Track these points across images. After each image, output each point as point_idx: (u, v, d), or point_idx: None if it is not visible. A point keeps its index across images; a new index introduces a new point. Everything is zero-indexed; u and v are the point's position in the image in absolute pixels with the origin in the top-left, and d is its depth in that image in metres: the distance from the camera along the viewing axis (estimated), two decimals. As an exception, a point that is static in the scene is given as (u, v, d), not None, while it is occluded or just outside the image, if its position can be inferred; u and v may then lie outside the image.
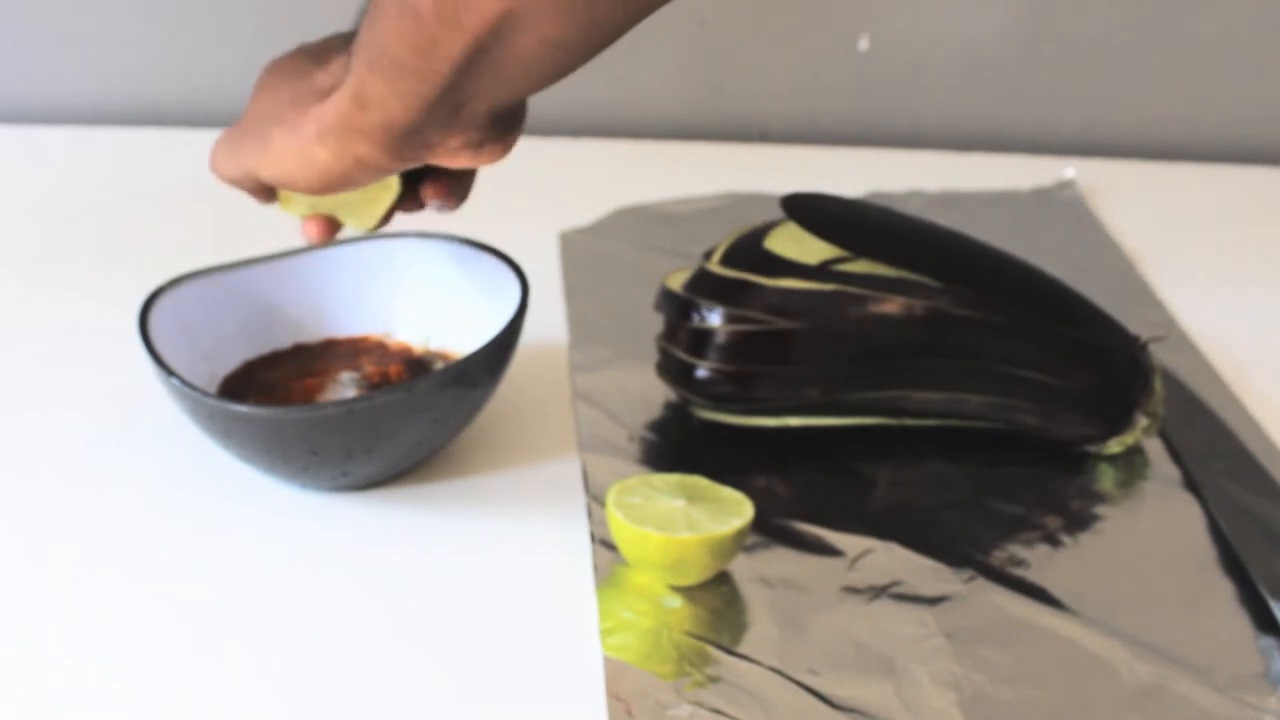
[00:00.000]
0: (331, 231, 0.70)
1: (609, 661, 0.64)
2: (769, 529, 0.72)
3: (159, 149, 1.11)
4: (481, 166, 0.64)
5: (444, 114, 0.59)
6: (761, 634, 0.66)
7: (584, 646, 0.65)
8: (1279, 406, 0.83)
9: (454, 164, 0.62)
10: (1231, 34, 1.13)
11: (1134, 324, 0.79)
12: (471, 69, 0.56)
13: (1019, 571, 0.70)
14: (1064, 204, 1.05)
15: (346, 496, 0.74)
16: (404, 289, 0.80)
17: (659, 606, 0.67)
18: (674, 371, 0.78)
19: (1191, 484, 0.76)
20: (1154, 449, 0.79)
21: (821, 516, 0.73)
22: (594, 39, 0.56)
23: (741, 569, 0.69)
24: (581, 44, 0.56)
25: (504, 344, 0.73)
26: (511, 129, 0.62)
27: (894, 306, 0.74)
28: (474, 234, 0.79)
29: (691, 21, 1.13)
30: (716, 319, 0.75)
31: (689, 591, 0.68)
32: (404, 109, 0.59)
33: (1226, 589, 0.70)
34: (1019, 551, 0.71)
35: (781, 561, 0.70)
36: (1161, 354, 0.83)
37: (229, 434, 0.71)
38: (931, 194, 1.05)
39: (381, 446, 0.71)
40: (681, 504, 0.68)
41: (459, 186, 0.69)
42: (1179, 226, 1.04)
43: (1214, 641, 0.66)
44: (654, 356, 0.80)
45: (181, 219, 1.00)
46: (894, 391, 0.76)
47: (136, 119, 1.15)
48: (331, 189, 0.63)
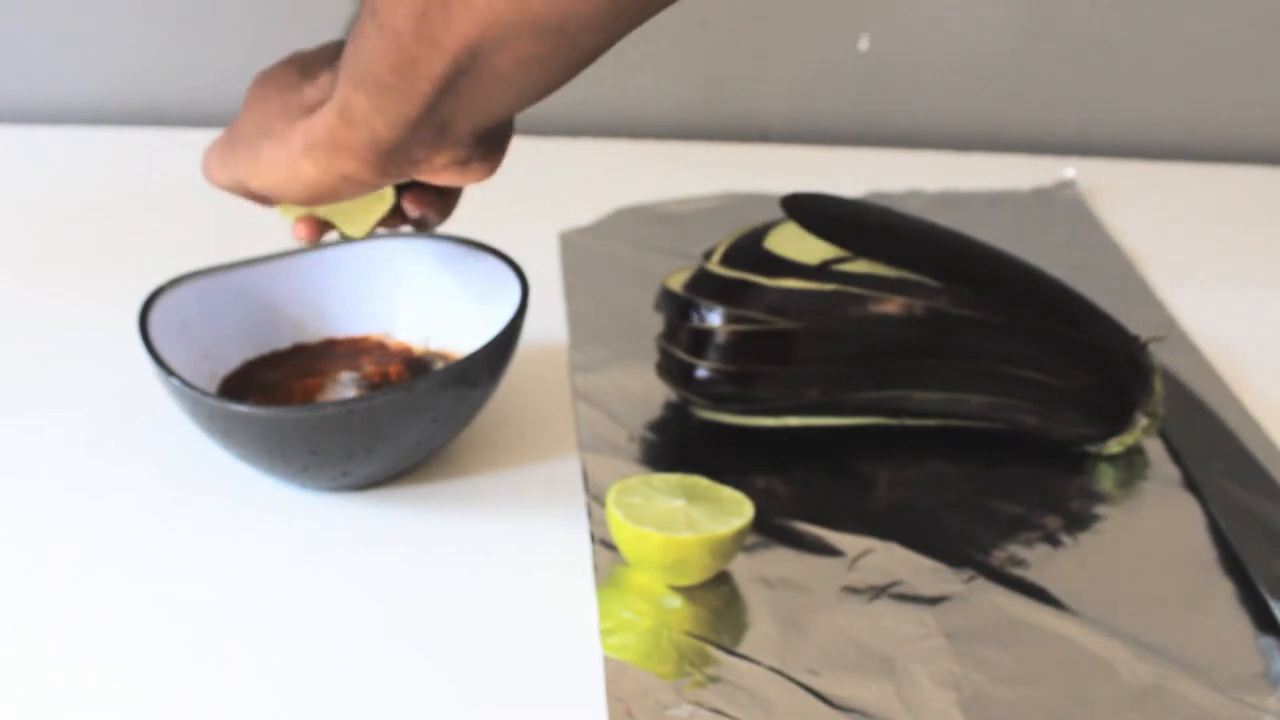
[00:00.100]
0: (321, 232, 0.70)
1: (609, 661, 0.64)
2: (769, 529, 0.72)
3: (159, 149, 1.11)
4: (467, 184, 0.64)
5: (428, 132, 0.59)
6: (761, 634, 0.66)
7: (584, 646, 0.65)
8: (1279, 406, 0.83)
9: (440, 181, 0.63)
10: (1231, 34, 1.13)
11: (1134, 324, 0.79)
12: (453, 88, 0.57)
13: (1019, 571, 0.70)
14: (1064, 204, 1.05)
15: (346, 496, 0.74)
16: (404, 289, 0.80)
17: (659, 606, 0.67)
18: (674, 371, 0.78)
19: (1191, 484, 0.76)
20: (1154, 449, 0.79)
21: (821, 516, 0.73)
22: (572, 60, 0.56)
23: (741, 569, 0.69)
24: (560, 65, 0.56)
25: (504, 344, 0.73)
26: (497, 148, 0.62)
27: (894, 306, 0.74)
28: (474, 234, 0.79)
29: (691, 21, 1.13)
30: (716, 319, 0.75)
31: (689, 591, 0.68)
32: (388, 127, 0.59)
33: (1226, 589, 0.70)
34: (1019, 551, 0.71)
35: (781, 561, 0.70)
36: (1161, 354, 0.83)
37: (229, 434, 0.71)
38: (931, 194, 1.05)
39: (381, 446, 0.71)
40: (681, 504, 0.68)
41: (442, 202, 0.69)
42: (1179, 226, 1.04)
43: (1214, 641, 0.66)
44: (654, 356, 0.80)
45: (181, 219, 1.00)
46: (894, 391, 0.76)
47: (136, 119, 1.15)
48: (319, 201, 0.64)
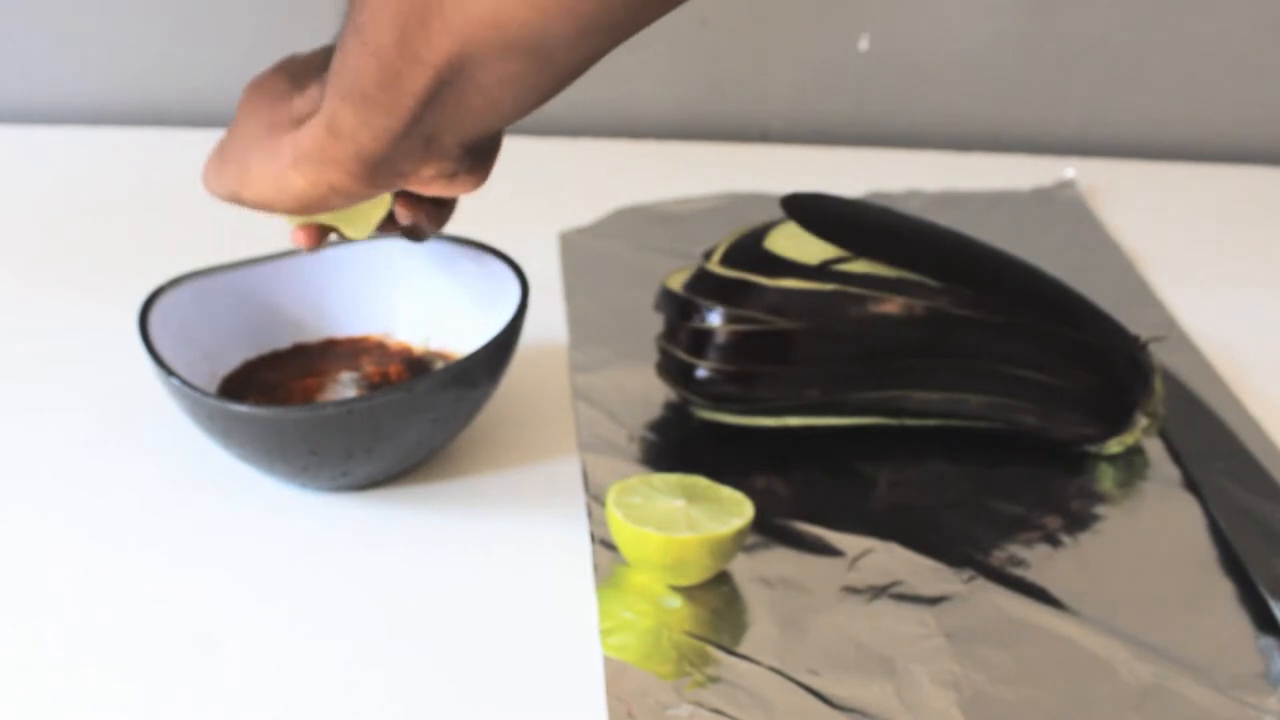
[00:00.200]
0: (321, 238, 0.70)
1: (609, 661, 0.64)
2: (769, 529, 0.72)
3: (159, 149, 1.11)
4: (456, 195, 0.64)
5: (415, 146, 0.59)
6: (761, 634, 0.66)
7: (584, 646, 0.65)
8: (1279, 406, 0.83)
9: (429, 192, 0.63)
10: (1231, 34, 1.13)
11: (1134, 324, 0.79)
12: (437, 101, 0.57)
13: (1019, 571, 0.70)
14: (1064, 204, 1.05)
15: (346, 496, 0.74)
16: (404, 289, 0.80)
17: (659, 606, 0.67)
18: (674, 371, 0.78)
19: (1191, 484, 0.76)
20: (1154, 449, 0.79)
21: (821, 516, 0.73)
22: (553, 78, 0.56)
23: (741, 569, 0.69)
24: (541, 82, 0.56)
25: (504, 344, 0.73)
26: (485, 161, 0.62)
27: (894, 306, 0.74)
28: (474, 234, 0.79)
29: (691, 21, 1.13)
30: (716, 319, 0.75)
31: (689, 591, 0.68)
32: (374, 140, 0.59)
33: (1226, 589, 0.70)
34: (1019, 551, 0.71)
35: (781, 561, 0.70)
36: (1161, 354, 0.83)
37: (229, 434, 0.71)
38: (931, 194, 1.05)
39: (381, 446, 0.71)
40: (681, 504, 0.68)
41: (436, 211, 0.69)
42: (1179, 226, 1.04)
43: (1214, 641, 0.66)
44: (654, 356, 0.80)
45: (181, 219, 0.99)
46: (894, 391, 0.76)
47: (136, 119, 1.15)
48: (309, 212, 0.64)
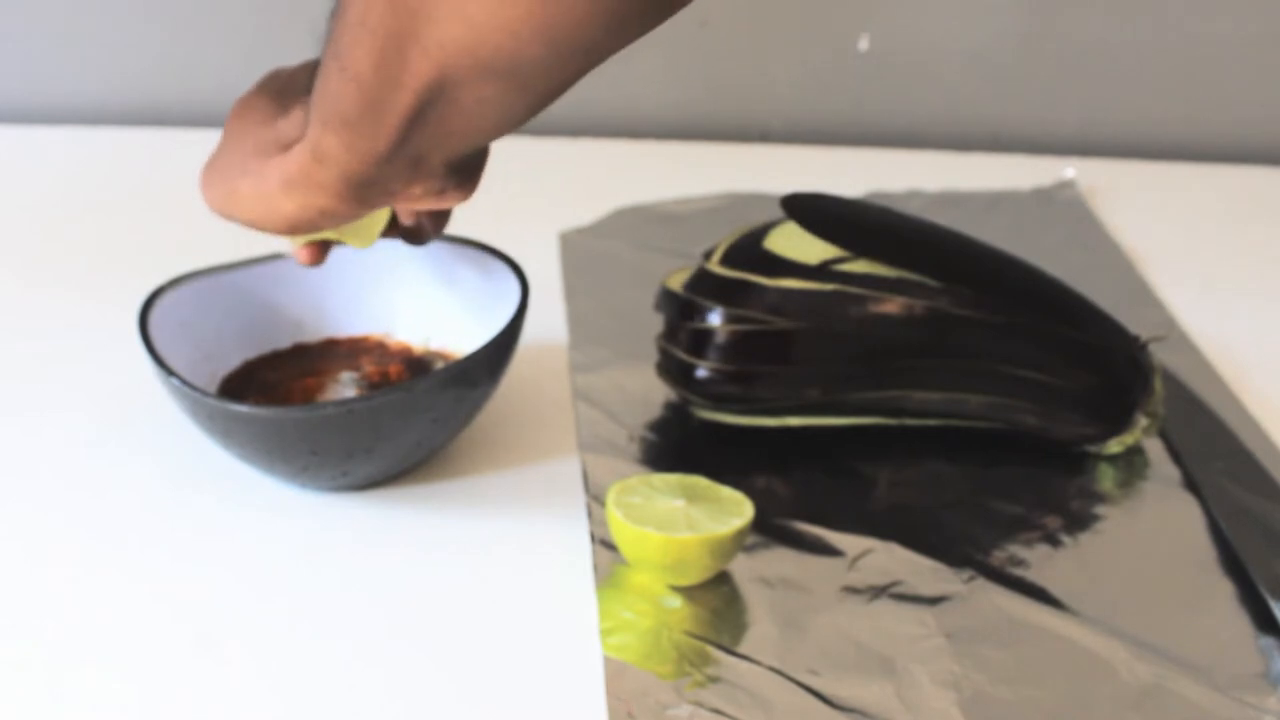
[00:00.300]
0: (322, 255, 0.71)
1: (609, 661, 0.64)
2: (769, 529, 0.72)
3: (159, 149, 1.11)
4: (446, 208, 0.64)
5: (401, 167, 0.59)
6: (761, 634, 0.66)
7: (584, 646, 0.65)
8: (1279, 406, 0.83)
9: (419, 208, 0.63)
10: (1231, 34, 1.13)
11: (1134, 324, 0.79)
12: (420, 123, 0.56)
13: (1019, 571, 0.70)
14: (1064, 204, 1.05)
15: (346, 496, 0.74)
16: (404, 289, 0.80)
17: (659, 606, 0.67)
18: (674, 371, 0.78)
19: (1191, 484, 0.76)
20: (1154, 449, 0.79)
21: (821, 516, 0.73)
22: (530, 100, 0.56)
23: (741, 569, 0.69)
24: (519, 104, 0.56)
25: (504, 344, 0.73)
26: (472, 175, 0.62)
27: (894, 306, 0.74)
28: (474, 234, 0.79)
29: (691, 21, 1.13)
30: (716, 319, 0.75)
31: (689, 591, 0.68)
32: (360, 163, 0.59)
33: (1226, 589, 0.70)
34: (1019, 551, 0.71)
35: (781, 561, 0.70)
36: (1161, 354, 0.83)
37: (229, 434, 0.71)
38: (931, 194, 1.05)
39: (381, 446, 0.71)
40: (681, 504, 0.68)
41: (430, 219, 0.69)
42: (1179, 226, 1.04)
43: (1214, 641, 0.66)
44: (654, 356, 0.80)
45: (181, 219, 0.99)
46: (894, 391, 0.76)
47: (136, 119, 1.15)
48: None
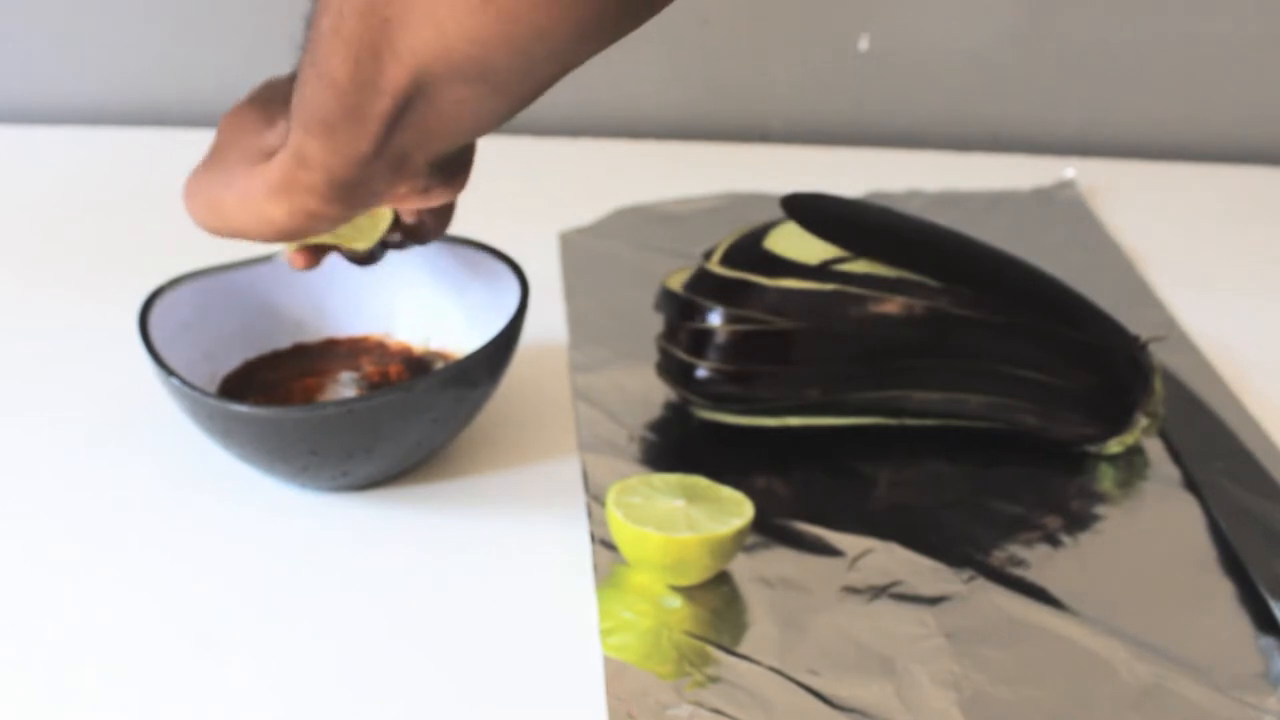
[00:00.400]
0: (316, 260, 0.70)
1: (609, 661, 0.64)
2: (769, 529, 0.72)
3: (159, 149, 1.10)
4: (433, 205, 0.64)
5: (385, 167, 0.59)
6: (761, 634, 0.66)
7: (584, 646, 0.65)
8: (1279, 406, 0.83)
9: (406, 207, 0.63)
10: (1231, 34, 1.13)
11: (1134, 324, 0.79)
12: (399, 126, 0.56)
13: (1019, 571, 0.70)
14: (1064, 204, 1.05)
15: (346, 496, 0.74)
16: (404, 289, 0.80)
17: (659, 606, 0.67)
18: (674, 371, 0.78)
19: (1191, 484, 0.76)
20: (1154, 449, 0.79)
21: (821, 516, 0.73)
22: (507, 102, 0.56)
23: (741, 569, 0.69)
24: (496, 106, 0.56)
25: (504, 344, 0.73)
26: (458, 173, 0.62)
27: (894, 306, 0.74)
28: (474, 234, 0.79)
29: (692, 21, 1.13)
30: (716, 319, 0.75)
31: (689, 591, 0.68)
32: (344, 166, 0.59)
33: (1226, 589, 0.70)
34: (1019, 551, 0.71)
35: (781, 561, 0.70)
36: (1161, 354, 0.83)
37: (229, 434, 0.71)
38: (931, 194, 1.05)
39: (381, 446, 0.71)
40: (681, 504, 0.68)
41: (437, 211, 0.69)
42: (1179, 226, 1.04)
43: (1214, 641, 0.66)
44: (654, 356, 0.80)
45: (181, 219, 0.98)
46: (894, 391, 0.76)
47: (136, 119, 1.15)
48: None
